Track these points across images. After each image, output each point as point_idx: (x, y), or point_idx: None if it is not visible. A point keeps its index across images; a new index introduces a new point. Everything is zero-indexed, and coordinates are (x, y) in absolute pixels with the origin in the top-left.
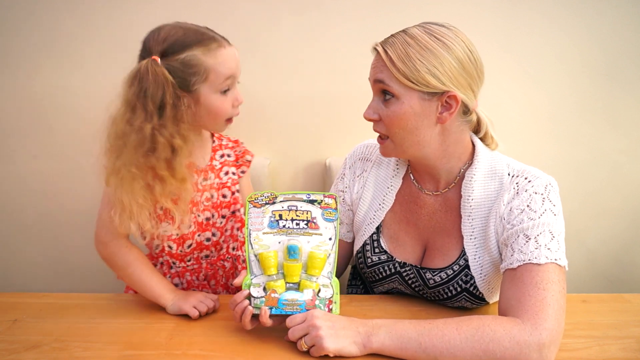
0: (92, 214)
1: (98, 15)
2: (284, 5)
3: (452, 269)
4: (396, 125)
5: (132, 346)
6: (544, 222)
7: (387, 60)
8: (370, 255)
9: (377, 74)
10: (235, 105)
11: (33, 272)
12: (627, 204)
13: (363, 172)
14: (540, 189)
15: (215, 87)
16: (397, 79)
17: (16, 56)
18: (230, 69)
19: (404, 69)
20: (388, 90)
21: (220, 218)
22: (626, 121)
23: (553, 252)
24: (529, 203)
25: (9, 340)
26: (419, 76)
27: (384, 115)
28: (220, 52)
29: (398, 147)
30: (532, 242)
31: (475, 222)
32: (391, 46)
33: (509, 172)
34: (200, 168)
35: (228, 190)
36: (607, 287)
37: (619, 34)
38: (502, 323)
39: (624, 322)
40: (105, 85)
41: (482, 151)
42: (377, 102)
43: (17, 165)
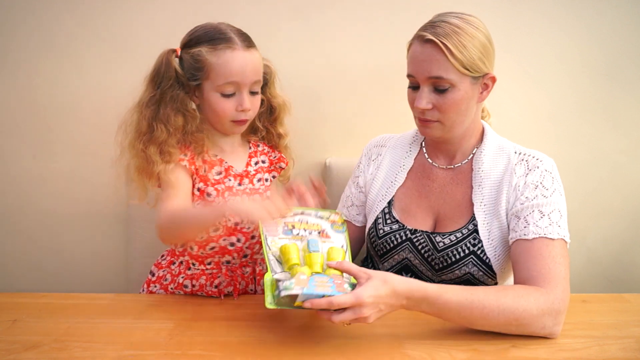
0: (91, 214)
1: (98, 15)
2: (284, 7)
3: (462, 232)
4: (452, 110)
5: (132, 346)
6: (555, 201)
7: (447, 51)
8: (382, 226)
9: (431, 70)
10: (239, 110)
11: (33, 272)
12: (627, 204)
13: (378, 156)
14: (550, 167)
15: (215, 87)
16: (455, 68)
17: (16, 56)
18: (232, 73)
19: (461, 58)
20: (445, 84)
21: (249, 223)
22: (626, 121)
23: (562, 230)
24: (542, 180)
25: (9, 340)
26: (473, 63)
27: (440, 103)
28: (226, 53)
29: (446, 128)
30: (546, 218)
31: (485, 191)
32: (446, 37)
33: (515, 151)
34: (237, 173)
35: (260, 197)
36: (607, 287)
37: (619, 34)
38: (533, 293)
39: (623, 322)
40: (105, 85)
41: (491, 132)
42: (429, 92)
43: (16, 165)
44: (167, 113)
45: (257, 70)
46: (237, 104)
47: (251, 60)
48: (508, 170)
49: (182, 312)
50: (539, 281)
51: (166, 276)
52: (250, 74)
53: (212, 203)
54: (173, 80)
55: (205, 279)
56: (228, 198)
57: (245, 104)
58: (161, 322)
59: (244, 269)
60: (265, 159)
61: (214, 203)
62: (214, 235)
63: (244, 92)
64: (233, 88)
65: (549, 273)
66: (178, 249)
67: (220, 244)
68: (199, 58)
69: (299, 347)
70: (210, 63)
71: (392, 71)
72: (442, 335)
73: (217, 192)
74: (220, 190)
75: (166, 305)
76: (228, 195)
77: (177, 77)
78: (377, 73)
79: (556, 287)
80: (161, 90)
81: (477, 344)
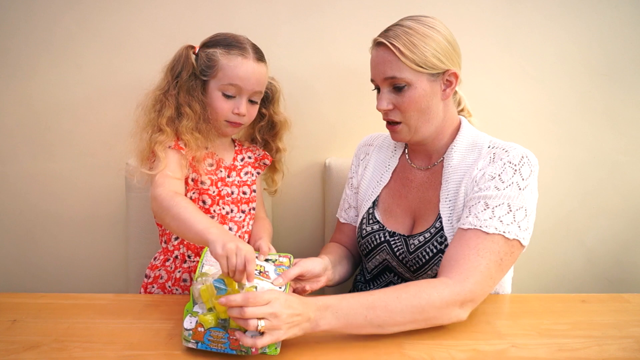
0: (91, 214)
1: (97, 15)
2: (284, 7)
3: (430, 232)
4: (412, 108)
5: (131, 346)
6: (507, 195)
7: (397, 51)
8: (365, 226)
9: (386, 71)
10: (235, 113)
11: (33, 272)
12: (627, 204)
13: (366, 156)
14: (515, 159)
15: (219, 85)
16: (408, 67)
17: (15, 56)
18: (237, 76)
19: (412, 57)
20: (400, 82)
21: (240, 213)
22: (626, 121)
23: (504, 225)
24: (501, 172)
25: (9, 340)
26: (426, 60)
27: (399, 102)
28: (237, 59)
29: (412, 129)
30: (489, 211)
31: (450, 186)
32: (396, 38)
33: (489, 145)
34: (226, 165)
35: (248, 188)
36: (607, 287)
37: (619, 34)
38: (435, 286)
39: (623, 322)
40: (105, 85)
41: (466, 127)
42: (388, 93)
43: (15, 165)
44: (189, 99)
45: (260, 82)
46: (234, 107)
47: (258, 71)
48: (473, 164)
49: (182, 312)
50: (451, 269)
51: (162, 275)
52: (253, 82)
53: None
54: (191, 71)
55: None
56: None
57: (242, 109)
58: (161, 322)
59: None
60: (251, 155)
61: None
62: None
63: (244, 97)
64: (234, 91)
65: (465, 263)
66: (172, 243)
67: None
68: (212, 57)
69: (299, 347)
70: (221, 63)
71: None
72: (442, 335)
73: (211, 181)
74: (214, 180)
75: (166, 305)
76: (221, 185)
77: (194, 70)
78: None
79: (467, 279)
80: (182, 79)
81: (477, 344)
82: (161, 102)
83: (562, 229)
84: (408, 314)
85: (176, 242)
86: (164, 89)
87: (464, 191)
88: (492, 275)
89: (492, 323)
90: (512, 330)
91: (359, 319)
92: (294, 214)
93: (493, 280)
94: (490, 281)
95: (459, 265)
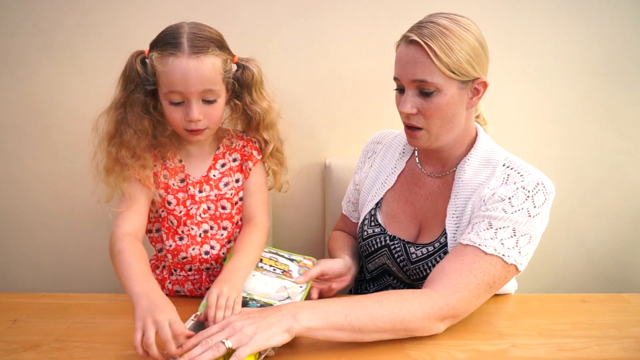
0: (91, 214)
1: (97, 15)
2: (285, 7)
3: (433, 246)
4: (437, 116)
5: (132, 346)
6: (514, 220)
7: (432, 53)
8: (367, 228)
9: (416, 73)
10: (187, 120)
11: (33, 272)
12: (627, 204)
13: (373, 154)
14: (530, 185)
15: (163, 94)
16: (441, 71)
17: (16, 57)
18: (172, 81)
19: (447, 61)
20: (430, 87)
21: (222, 230)
22: (626, 121)
23: (504, 248)
24: (512, 196)
25: (9, 340)
26: (460, 67)
27: (425, 108)
28: (169, 60)
29: (432, 137)
30: (491, 231)
31: (459, 202)
32: (431, 39)
33: (504, 164)
34: (196, 180)
35: (227, 202)
36: (607, 287)
37: (619, 34)
38: (418, 296)
39: (623, 322)
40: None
41: (483, 139)
42: (413, 96)
43: (16, 165)
44: (133, 116)
45: (204, 79)
46: (184, 114)
47: (196, 68)
48: (485, 183)
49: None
50: (439, 282)
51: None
52: (195, 82)
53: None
54: (137, 82)
55: (192, 284)
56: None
57: (193, 114)
58: None
59: None
60: (237, 157)
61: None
62: (181, 244)
63: (192, 101)
64: (179, 97)
65: (455, 279)
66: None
67: (191, 254)
68: (152, 63)
69: (298, 347)
70: (158, 70)
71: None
72: (442, 335)
73: (177, 200)
74: (181, 199)
75: None
76: (190, 204)
77: (141, 80)
78: (377, 73)
79: (453, 294)
80: (127, 93)
81: (477, 344)
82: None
83: (562, 229)
84: (388, 321)
85: (160, 254)
86: (111, 107)
87: (471, 209)
88: (479, 295)
89: (493, 323)
90: (512, 330)
91: (338, 318)
92: (294, 214)
93: (479, 301)
94: (477, 301)
95: (448, 279)
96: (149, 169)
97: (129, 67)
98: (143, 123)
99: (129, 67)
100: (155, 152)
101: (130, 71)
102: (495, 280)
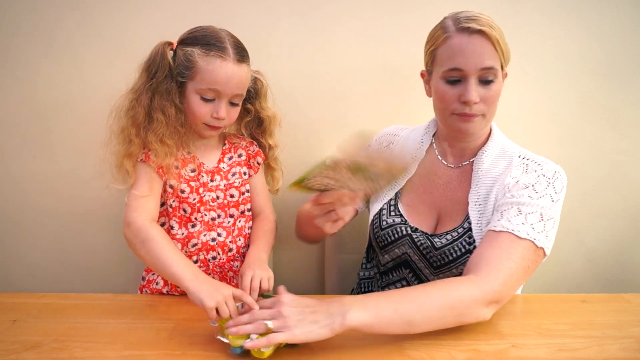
0: (91, 214)
1: (98, 15)
2: (285, 6)
3: (457, 232)
4: (494, 102)
5: (132, 346)
6: (540, 205)
7: (495, 42)
8: (386, 217)
9: (484, 61)
10: (214, 117)
11: (33, 272)
12: (627, 204)
13: (390, 144)
14: (549, 173)
15: (197, 89)
16: (500, 61)
17: (16, 56)
18: (215, 80)
19: (504, 49)
20: (494, 74)
21: (228, 217)
22: (626, 121)
23: (535, 232)
24: (535, 183)
25: (9, 340)
26: (508, 57)
27: (487, 96)
28: (216, 61)
29: (486, 122)
30: (522, 217)
31: (481, 190)
32: (491, 28)
33: (519, 155)
34: (208, 169)
35: (236, 190)
36: (607, 287)
37: (619, 34)
38: (463, 283)
39: (623, 322)
40: (104, 85)
41: (497, 132)
42: (476, 85)
43: (16, 165)
44: (163, 104)
45: (241, 85)
46: (213, 110)
47: (238, 74)
48: (505, 172)
49: (182, 312)
50: (482, 269)
51: (157, 280)
52: (233, 86)
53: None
54: (167, 72)
55: None
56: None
57: (221, 113)
58: (161, 322)
59: (232, 263)
60: (242, 153)
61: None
62: (193, 231)
63: (224, 101)
64: (213, 94)
65: (496, 264)
66: None
67: (202, 240)
68: (190, 58)
69: (299, 347)
70: (200, 66)
71: (393, 71)
72: (442, 335)
73: (191, 188)
74: (194, 187)
75: (166, 305)
76: (203, 191)
77: (170, 70)
78: (377, 73)
79: (496, 279)
80: (157, 80)
81: (477, 344)
82: (134, 107)
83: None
84: (437, 309)
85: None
86: (139, 91)
87: (495, 197)
88: (518, 279)
89: (492, 323)
90: (512, 330)
91: (388, 312)
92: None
93: (518, 285)
94: (516, 285)
95: (489, 265)
96: (172, 156)
97: (159, 55)
98: (171, 111)
99: (158, 55)
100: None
101: (161, 59)
102: (529, 265)
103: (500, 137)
